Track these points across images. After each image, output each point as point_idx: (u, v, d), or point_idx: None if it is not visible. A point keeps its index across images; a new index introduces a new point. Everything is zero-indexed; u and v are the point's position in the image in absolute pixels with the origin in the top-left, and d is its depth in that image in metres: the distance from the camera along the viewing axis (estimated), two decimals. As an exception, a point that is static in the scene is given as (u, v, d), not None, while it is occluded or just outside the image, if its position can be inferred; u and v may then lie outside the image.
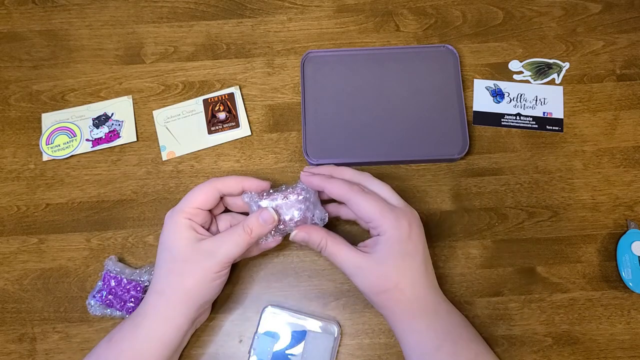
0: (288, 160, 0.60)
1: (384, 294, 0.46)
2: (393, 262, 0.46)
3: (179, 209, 0.48)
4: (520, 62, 0.63)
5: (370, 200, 0.46)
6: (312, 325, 0.52)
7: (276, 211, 0.49)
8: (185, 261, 0.46)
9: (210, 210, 0.50)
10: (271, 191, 0.50)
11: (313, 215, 0.50)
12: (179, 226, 0.47)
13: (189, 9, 0.66)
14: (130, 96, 0.62)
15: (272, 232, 0.50)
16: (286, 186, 0.51)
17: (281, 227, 0.50)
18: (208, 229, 0.50)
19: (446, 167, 0.59)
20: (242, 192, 0.50)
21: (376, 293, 0.47)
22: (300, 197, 0.50)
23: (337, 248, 0.47)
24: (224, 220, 0.52)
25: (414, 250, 0.46)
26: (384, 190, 0.49)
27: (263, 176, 0.59)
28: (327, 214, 0.51)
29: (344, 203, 0.49)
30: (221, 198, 0.51)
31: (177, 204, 0.49)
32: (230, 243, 0.47)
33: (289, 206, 0.49)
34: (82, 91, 0.63)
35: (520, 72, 0.63)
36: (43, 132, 0.61)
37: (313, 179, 0.49)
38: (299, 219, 0.49)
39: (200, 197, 0.48)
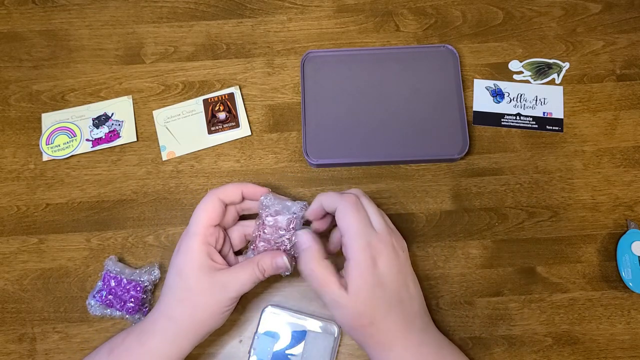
0: (288, 160, 0.60)
1: (360, 329, 0.46)
2: (365, 295, 0.44)
3: (192, 231, 0.47)
4: (520, 62, 0.63)
5: (355, 215, 0.46)
6: (312, 325, 0.52)
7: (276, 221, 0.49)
8: (199, 293, 0.46)
9: (220, 226, 0.50)
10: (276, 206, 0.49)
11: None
12: (194, 253, 0.46)
13: (189, 9, 0.66)
14: (130, 96, 0.62)
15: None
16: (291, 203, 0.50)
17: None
18: (222, 248, 0.50)
19: (446, 167, 0.59)
20: (243, 199, 0.50)
21: (353, 328, 0.46)
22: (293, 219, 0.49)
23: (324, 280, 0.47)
24: (236, 233, 0.52)
25: (383, 280, 0.45)
26: (373, 212, 0.48)
27: (263, 176, 0.59)
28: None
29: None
30: (226, 207, 0.50)
31: (188, 225, 0.48)
32: (243, 280, 0.47)
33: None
34: (82, 91, 0.63)
35: (520, 72, 0.63)
36: (43, 132, 0.61)
37: (312, 208, 0.49)
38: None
39: (207, 211, 0.48)
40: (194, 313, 0.46)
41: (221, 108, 0.61)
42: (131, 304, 0.52)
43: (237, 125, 0.60)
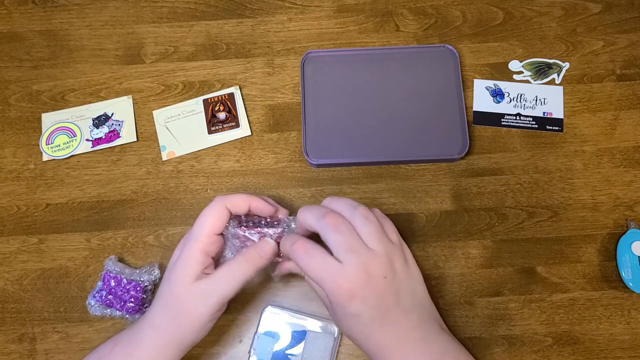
0: (288, 160, 0.60)
1: (346, 304, 0.44)
2: (338, 319, 0.46)
3: (194, 237, 0.46)
4: (520, 62, 0.63)
5: (313, 261, 0.44)
6: (312, 325, 0.52)
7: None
8: (181, 302, 0.45)
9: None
10: (250, 223, 0.49)
11: None
12: (189, 260, 0.45)
13: (189, 9, 0.66)
14: (130, 96, 0.62)
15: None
16: (268, 221, 0.50)
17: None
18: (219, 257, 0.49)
19: (446, 167, 0.59)
20: (248, 213, 0.49)
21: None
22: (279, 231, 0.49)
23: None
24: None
25: (357, 311, 0.43)
26: (366, 229, 0.45)
27: (263, 176, 0.59)
28: None
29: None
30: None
31: (191, 230, 0.47)
32: (225, 284, 0.45)
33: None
34: (82, 91, 0.63)
35: (520, 72, 0.63)
36: (43, 132, 0.61)
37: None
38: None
39: (212, 217, 0.47)
40: (177, 322, 0.45)
41: (221, 108, 0.61)
42: (131, 304, 0.52)
43: (237, 125, 0.60)
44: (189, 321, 0.45)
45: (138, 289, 0.53)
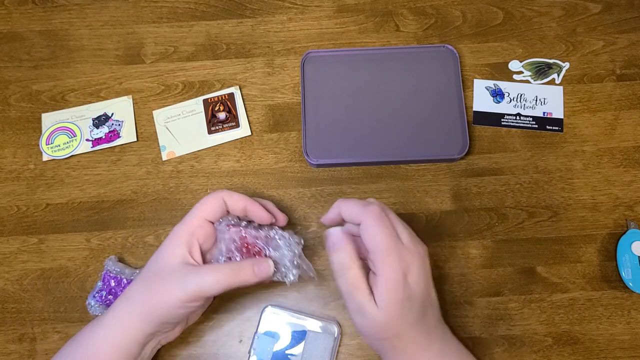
0: (288, 160, 0.60)
1: (382, 341, 0.44)
2: (393, 311, 0.43)
3: (183, 221, 0.47)
4: (520, 62, 0.63)
5: (383, 230, 0.43)
6: (312, 325, 0.52)
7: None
8: (160, 278, 0.45)
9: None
10: (244, 223, 0.48)
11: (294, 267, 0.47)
12: (176, 241, 0.46)
13: (189, 9, 0.66)
14: (130, 96, 0.62)
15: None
16: (267, 228, 0.49)
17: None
18: (209, 250, 0.49)
19: (446, 167, 0.59)
20: (245, 215, 0.48)
21: (375, 339, 0.45)
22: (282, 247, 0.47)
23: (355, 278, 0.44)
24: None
25: (412, 294, 0.43)
26: (397, 222, 0.45)
27: (263, 176, 0.59)
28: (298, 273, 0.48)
29: None
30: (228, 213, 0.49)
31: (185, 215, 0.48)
32: (209, 279, 0.44)
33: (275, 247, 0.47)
34: (82, 91, 0.63)
35: (520, 72, 0.63)
36: (43, 132, 0.61)
37: (329, 215, 0.47)
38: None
39: (205, 205, 0.47)
40: (148, 297, 0.44)
41: (221, 108, 0.61)
42: (131, 304, 0.52)
43: (237, 125, 0.60)
44: (162, 299, 0.44)
45: (138, 289, 0.53)
